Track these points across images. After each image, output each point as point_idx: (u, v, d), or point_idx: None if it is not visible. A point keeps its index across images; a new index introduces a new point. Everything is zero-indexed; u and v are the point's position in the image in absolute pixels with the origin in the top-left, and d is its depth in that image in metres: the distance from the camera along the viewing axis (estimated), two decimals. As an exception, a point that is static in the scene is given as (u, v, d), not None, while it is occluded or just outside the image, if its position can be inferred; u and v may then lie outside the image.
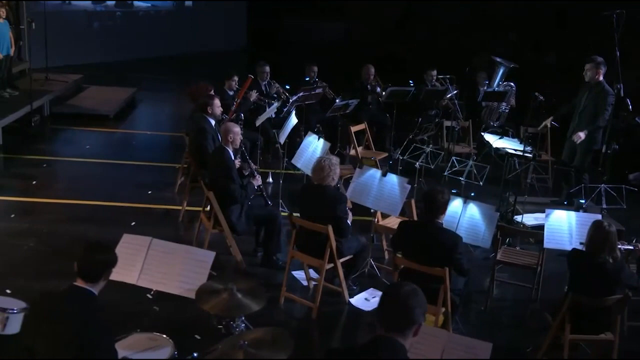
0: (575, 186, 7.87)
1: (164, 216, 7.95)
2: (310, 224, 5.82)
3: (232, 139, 6.53)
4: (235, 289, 4.19)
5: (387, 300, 2.89)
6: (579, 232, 5.67)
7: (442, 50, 16.63)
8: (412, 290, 2.88)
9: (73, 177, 9.07)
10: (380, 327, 2.84)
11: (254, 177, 6.71)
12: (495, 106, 10.66)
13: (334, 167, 5.83)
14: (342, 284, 6.11)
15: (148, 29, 17.81)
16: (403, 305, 2.83)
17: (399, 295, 2.86)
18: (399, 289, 2.91)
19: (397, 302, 2.84)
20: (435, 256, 5.15)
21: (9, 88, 11.20)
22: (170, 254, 4.49)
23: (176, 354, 4.13)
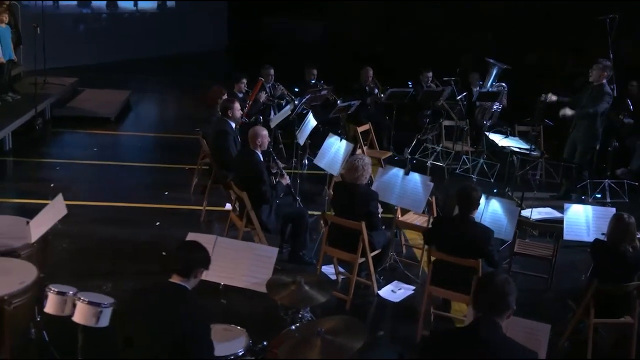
0: (576, 182, 8.36)
1: (185, 216, 8.22)
2: (344, 220, 6.19)
3: (260, 143, 6.86)
4: (302, 282, 4.55)
5: (484, 287, 3.24)
6: (596, 225, 6.13)
7: (424, 50, 17.06)
8: (506, 279, 3.24)
9: (88, 179, 9.28)
10: (478, 312, 3.19)
11: (282, 176, 7.04)
12: (489, 106, 11.13)
13: (367, 166, 6.22)
14: (372, 276, 6.49)
15: (133, 31, 17.97)
16: (500, 292, 3.18)
17: (496, 283, 3.21)
18: (495, 277, 3.27)
19: (494, 290, 3.19)
20: (469, 249, 5.55)
21: (10, 92, 11.34)
22: (235, 251, 4.81)
23: (251, 342, 4.46)
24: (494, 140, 8.59)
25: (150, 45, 17.97)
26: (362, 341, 4.08)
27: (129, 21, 18.43)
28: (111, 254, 6.95)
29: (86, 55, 16.18)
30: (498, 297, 3.18)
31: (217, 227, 7.92)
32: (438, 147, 8.12)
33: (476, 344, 3.09)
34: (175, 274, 3.85)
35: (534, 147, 8.21)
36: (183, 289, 3.82)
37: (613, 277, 5.38)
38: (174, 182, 9.29)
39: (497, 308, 3.17)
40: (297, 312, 4.72)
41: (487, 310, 3.17)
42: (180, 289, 3.82)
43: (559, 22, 15.94)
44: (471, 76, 11.45)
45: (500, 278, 3.26)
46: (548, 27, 16.08)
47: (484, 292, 3.22)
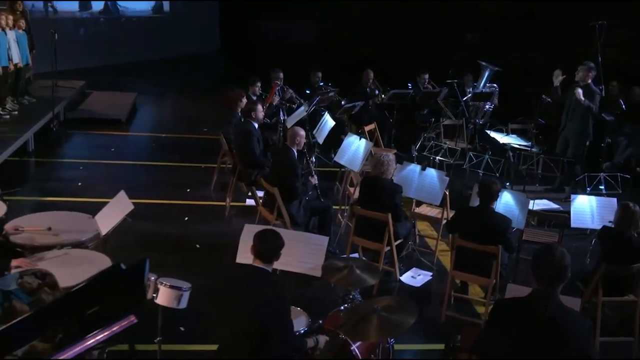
0: (572, 176, 8.93)
1: (210, 212, 8.62)
2: (372, 212, 6.68)
3: (298, 142, 7.31)
4: (354, 266, 5.02)
5: (543, 261, 3.62)
6: (599, 213, 6.69)
7: (414, 51, 17.59)
8: (563, 252, 3.58)
9: (111, 177, 9.61)
10: (537, 283, 3.63)
11: (312, 176, 7.50)
12: (481, 105, 11.70)
13: (392, 162, 6.72)
14: (395, 263, 6.99)
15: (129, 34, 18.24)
16: (559, 264, 3.55)
17: (555, 257, 3.56)
18: (554, 251, 3.60)
19: (553, 263, 3.56)
20: (489, 236, 6.05)
21: (26, 95, 11.63)
22: (289, 240, 5.24)
23: (310, 321, 4.92)
24: (495, 137, 9.14)
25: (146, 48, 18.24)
26: (413, 319, 4.55)
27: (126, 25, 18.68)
28: (153, 247, 7.32)
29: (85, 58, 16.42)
30: (557, 269, 3.54)
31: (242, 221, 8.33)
32: (445, 145, 8.61)
33: (537, 311, 3.55)
34: (257, 259, 4.29)
35: (532, 143, 8.76)
36: (266, 272, 4.28)
37: (619, 260, 5.92)
38: (192, 180, 9.66)
39: (556, 280, 3.57)
40: (347, 294, 5.18)
41: (547, 282, 3.57)
42: (264, 271, 4.27)
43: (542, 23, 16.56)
44: (465, 77, 11.98)
45: (558, 251, 3.60)
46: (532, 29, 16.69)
47: (544, 265, 3.56)
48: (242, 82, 10.43)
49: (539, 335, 3.52)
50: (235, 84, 10.17)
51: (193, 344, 5.49)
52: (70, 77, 13.86)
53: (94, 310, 2.67)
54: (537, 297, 3.58)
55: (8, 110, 10.76)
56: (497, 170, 8.10)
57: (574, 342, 3.49)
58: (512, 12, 17.43)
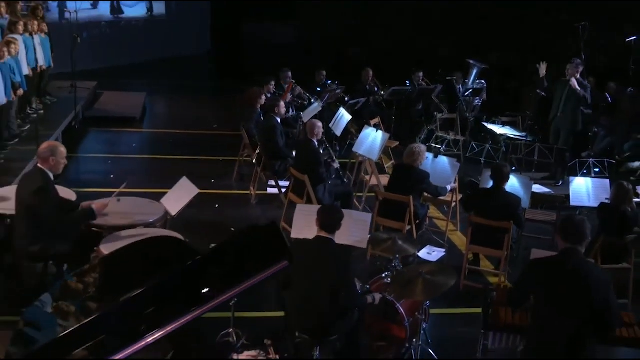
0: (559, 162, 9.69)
1: (236, 199, 9.21)
2: (394, 195, 7.35)
3: (317, 133, 7.95)
4: (397, 238, 5.69)
5: (569, 225, 4.33)
6: (595, 193, 7.44)
7: (394, 51, 18.24)
8: (582, 219, 4.35)
9: (139, 170, 10.15)
10: (564, 242, 4.34)
11: (333, 161, 8.15)
12: (471, 100, 12.44)
13: (423, 152, 7.40)
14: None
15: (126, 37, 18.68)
16: (581, 227, 4.27)
17: (577, 222, 4.31)
18: (575, 218, 4.38)
19: (576, 226, 4.27)
20: (502, 213, 6.76)
21: (48, 96, 12.09)
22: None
23: (361, 285, 5.57)
24: (492, 129, 9.88)
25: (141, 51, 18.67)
26: (453, 280, 5.22)
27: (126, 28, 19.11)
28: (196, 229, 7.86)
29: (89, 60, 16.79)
30: (579, 232, 4.29)
31: (266, 207, 8.97)
32: (449, 136, 9.32)
33: (567, 266, 4.24)
34: (323, 230, 4.93)
35: (527, 134, 9.51)
36: (332, 241, 4.92)
37: (615, 231, 6.67)
38: (213, 172, 10.21)
39: (579, 240, 4.30)
40: (390, 263, 5.84)
41: (572, 241, 4.30)
42: (330, 240, 4.91)
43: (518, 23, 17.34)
44: (456, 75, 12.70)
45: (578, 218, 4.38)
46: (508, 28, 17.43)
47: (570, 228, 4.30)
48: (235, 82, 10.98)
49: (569, 285, 4.22)
50: (228, 83, 10.62)
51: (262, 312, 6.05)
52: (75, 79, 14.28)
53: (239, 263, 3.27)
54: (565, 254, 4.28)
55: (34, 109, 11.21)
56: (497, 158, 8.80)
57: (598, 290, 4.19)
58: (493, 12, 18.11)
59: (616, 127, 11.16)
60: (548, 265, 4.39)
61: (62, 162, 5.72)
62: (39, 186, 5.48)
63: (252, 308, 6.07)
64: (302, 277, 4.85)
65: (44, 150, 5.66)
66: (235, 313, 5.39)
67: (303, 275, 4.84)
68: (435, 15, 19.61)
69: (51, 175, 5.68)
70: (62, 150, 5.73)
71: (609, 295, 4.23)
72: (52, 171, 5.68)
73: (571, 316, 4.17)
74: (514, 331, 4.88)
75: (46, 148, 5.70)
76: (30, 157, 9.09)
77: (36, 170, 5.65)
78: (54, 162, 5.63)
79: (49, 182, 5.62)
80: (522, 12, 17.48)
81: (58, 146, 5.77)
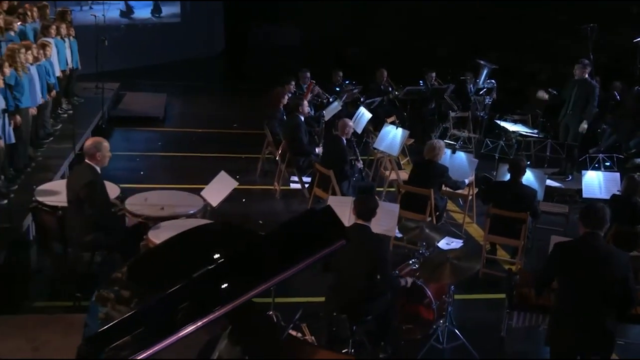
0: (568, 158, 10.02)
1: (261, 194, 9.55)
2: (416, 188, 7.68)
3: (347, 132, 8.30)
4: (424, 226, 6.03)
5: (590, 212, 4.66)
6: (606, 186, 7.77)
7: (392, 51, 18.46)
8: (602, 206, 4.67)
9: (165, 167, 10.48)
10: (585, 228, 4.66)
11: (357, 160, 8.49)
12: (482, 99, 12.77)
13: (442, 147, 7.74)
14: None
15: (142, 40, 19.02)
16: (602, 214, 4.60)
17: (597, 209, 4.63)
18: (595, 205, 4.70)
19: (597, 213, 4.61)
20: (519, 205, 7.10)
21: (75, 96, 12.44)
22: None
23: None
24: (505, 126, 10.22)
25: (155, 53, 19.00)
26: (478, 265, 5.57)
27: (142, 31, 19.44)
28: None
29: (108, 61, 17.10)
30: (599, 217, 4.62)
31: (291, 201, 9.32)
32: (463, 133, 9.65)
33: (589, 248, 4.58)
34: (360, 218, 5.27)
35: (538, 131, 9.84)
36: (368, 228, 5.25)
37: (627, 221, 6.99)
38: (236, 168, 10.49)
39: (599, 225, 4.63)
40: (417, 250, 6.18)
41: (592, 227, 4.63)
42: (366, 227, 5.25)
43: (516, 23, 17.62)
44: (466, 75, 13.04)
45: (599, 205, 4.70)
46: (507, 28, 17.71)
47: (591, 215, 4.63)
48: (247, 83, 11.27)
49: (592, 265, 4.55)
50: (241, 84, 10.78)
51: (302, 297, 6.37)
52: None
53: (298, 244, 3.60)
54: (587, 238, 4.62)
55: (64, 109, 11.56)
56: (510, 154, 9.13)
57: (618, 270, 4.53)
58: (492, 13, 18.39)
59: (621, 125, 11.48)
60: (571, 248, 4.73)
61: (108, 155, 6.07)
62: (89, 180, 5.82)
63: (290, 294, 6.40)
64: (342, 262, 5.18)
65: (89, 147, 6.01)
66: (275, 298, 5.73)
67: (343, 259, 5.17)
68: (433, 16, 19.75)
69: (99, 170, 6.02)
70: (106, 145, 6.09)
71: (627, 275, 4.56)
72: (98, 165, 6.03)
73: (593, 295, 4.50)
74: (537, 311, 5.20)
75: (91, 145, 6.04)
76: (66, 154, 9.47)
77: (85, 165, 5.99)
78: (100, 156, 5.98)
79: (98, 176, 5.96)
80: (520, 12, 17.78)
81: (102, 141, 6.12)
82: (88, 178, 5.78)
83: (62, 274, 6.54)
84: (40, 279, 6.76)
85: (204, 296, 3.70)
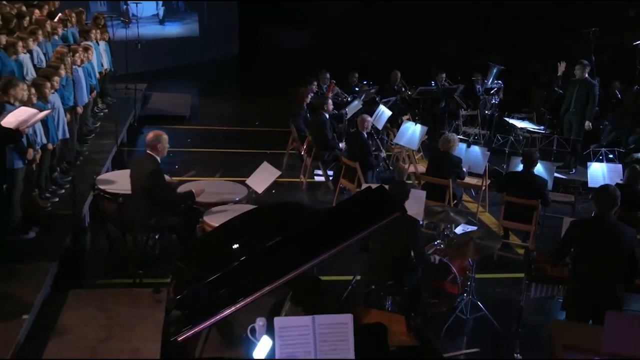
0: (573, 153, 10.58)
1: (289, 187, 10.08)
2: (435, 179, 8.23)
3: (366, 126, 8.86)
4: (449, 210, 6.59)
5: (603, 193, 5.21)
6: (610, 177, 8.32)
7: (402, 53, 18.97)
8: (614, 188, 5.22)
9: (197, 161, 10.97)
10: (598, 209, 5.21)
11: (380, 151, 9.05)
12: (489, 99, 13.34)
13: (456, 140, 8.29)
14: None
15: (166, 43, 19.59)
16: (613, 195, 5.16)
17: (610, 191, 5.20)
18: (608, 188, 5.25)
19: (609, 194, 5.17)
20: (531, 193, 7.65)
21: (108, 97, 13.00)
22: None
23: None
24: (513, 123, 10.81)
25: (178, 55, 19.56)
26: (498, 244, 6.12)
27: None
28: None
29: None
30: (611, 199, 5.17)
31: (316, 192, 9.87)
32: (474, 129, 10.22)
33: (602, 224, 5.13)
34: (395, 201, 5.81)
35: (544, 127, 10.40)
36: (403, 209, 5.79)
37: (629, 207, 7.53)
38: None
39: (610, 205, 5.17)
40: (443, 231, 6.74)
41: (604, 206, 5.18)
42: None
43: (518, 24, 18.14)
44: (475, 75, 13.60)
45: (611, 188, 5.25)
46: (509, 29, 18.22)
47: (604, 196, 5.17)
48: (260, 83, 11.75)
49: (604, 239, 5.11)
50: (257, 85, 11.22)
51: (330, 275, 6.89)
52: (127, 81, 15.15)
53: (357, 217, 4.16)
54: (600, 216, 5.17)
55: (100, 109, 12.12)
56: (519, 149, 9.68)
57: (628, 243, 5.08)
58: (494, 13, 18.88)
59: (621, 123, 12.03)
60: (586, 224, 5.31)
61: (166, 147, 6.65)
62: (152, 169, 6.37)
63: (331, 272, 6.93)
64: (380, 241, 5.75)
65: (152, 139, 6.57)
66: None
67: (381, 239, 5.73)
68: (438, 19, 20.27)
69: (159, 159, 6.57)
70: (165, 138, 6.66)
71: (634, 249, 5.11)
72: (158, 156, 6.59)
73: (605, 266, 5.06)
74: (553, 282, 5.75)
75: (153, 137, 6.60)
76: (108, 148, 10.03)
77: (147, 155, 6.54)
78: (161, 148, 6.54)
79: (158, 165, 6.51)
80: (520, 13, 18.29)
81: (162, 134, 6.69)
82: (151, 167, 6.33)
83: (122, 255, 7.09)
84: (99, 259, 7.32)
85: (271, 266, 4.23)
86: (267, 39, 23.57)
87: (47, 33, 9.94)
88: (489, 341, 6.19)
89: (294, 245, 4.38)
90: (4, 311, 5.44)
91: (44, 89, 7.24)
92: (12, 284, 5.90)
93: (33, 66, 8.80)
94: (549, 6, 17.59)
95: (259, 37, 23.23)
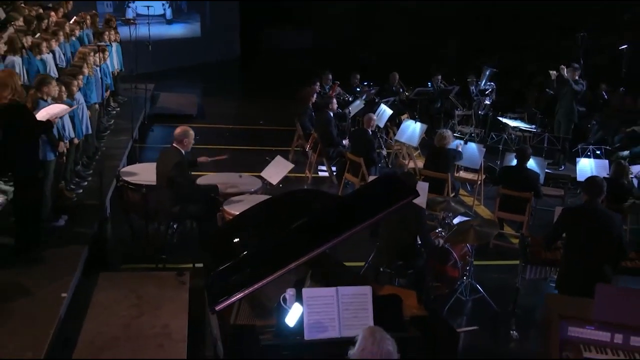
0: (562, 150, 11.04)
1: (295, 181, 10.45)
2: (436, 173, 8.66)
3: (372, 124, 9.29)
4: (450, 200, 7.03)
5: (591, 183, 5.66)
6: (597, 171, 8.79)
7: (402, 54, 19.35)
8: (601, 179, 5.68)
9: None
10: (587, 197, 5.66)
11: (382, 148, 9.48)
12: (482, 100, 13.80)
13: (450, 136, 8.74)
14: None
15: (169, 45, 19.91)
16: (600, 185, 5.60)
17: (596, 181, 5.64)
18: (596, 178, 5.72)
19: (596, 184, 5.61)
20: (525, 186, 8.10)
21: (119, 96, 13.37)
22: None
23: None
24: (507, 123, 11.27)
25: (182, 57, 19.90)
26: (496, 230, 6.56)
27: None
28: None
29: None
30: (598, 187, 5.62)
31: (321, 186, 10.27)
32: (470, 128, 10.67)
33: (591, 211, 5.57)
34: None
35: (536, 126, 10.87)
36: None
37: (614, 199, 7.99)
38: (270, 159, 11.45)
39: (598, 194, 5.62)
40: (444, 219, 7.17)
41: (592, 195, 5.62)
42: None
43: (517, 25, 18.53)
44: (469, 77, 14.05)
45: (598, 178, 5.72)
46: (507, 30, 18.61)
47: (592, 185, 5.62)
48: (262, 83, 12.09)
49: (594, 224, 5.54)
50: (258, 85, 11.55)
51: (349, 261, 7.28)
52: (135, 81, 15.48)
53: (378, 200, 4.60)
54: (589, 204, 5.62)
55: (112, 107, 12.49)
56: (512, 146, 10.12)
57: (614, 230, 5.52)
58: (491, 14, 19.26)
59: (607, 122, 12.52)
60: (577, 211, 5.76)
61: (192, 142, 7.03)
62: (177, 161, 6.77)
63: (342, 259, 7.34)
64: (389, 227, 6.18)
65: (179, 134, 6.97)
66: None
67: (390, 224, 6.16)
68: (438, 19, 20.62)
69: (183, 153, 6.97)
70: (192, 133, 7.06)
71: (621, 233, 5.56)
72: (184, 149, 6.99)
73: (594, 249, 5.49)
74: (547, 264, 6.19)
75: (181, 132, 7.00)
76: (123, 144, 10.41)
77: (173, 149, 6.94)
78: (187, 142, 6.94)
79: (183, 158, 6.92)
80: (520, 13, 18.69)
81: (189, 130, 7.09)
82: (177, 159, 6.73)
83: (144, 243, 7.48)
84: (122, 247, 7.70)
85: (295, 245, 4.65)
86: (268, 39, 23.90)
87: (66, 34, 10.31)
88: (487, 320, 6.62)
89: (318, 226, 4.81)
90: (46, 290, 5.83)
91: (71, 87, 7.63)
92: (49, 266, 6.28)
93: (55, 65, 9.17)
94: (549, 6, 17.90)
95: (260, 37, 23.56)
